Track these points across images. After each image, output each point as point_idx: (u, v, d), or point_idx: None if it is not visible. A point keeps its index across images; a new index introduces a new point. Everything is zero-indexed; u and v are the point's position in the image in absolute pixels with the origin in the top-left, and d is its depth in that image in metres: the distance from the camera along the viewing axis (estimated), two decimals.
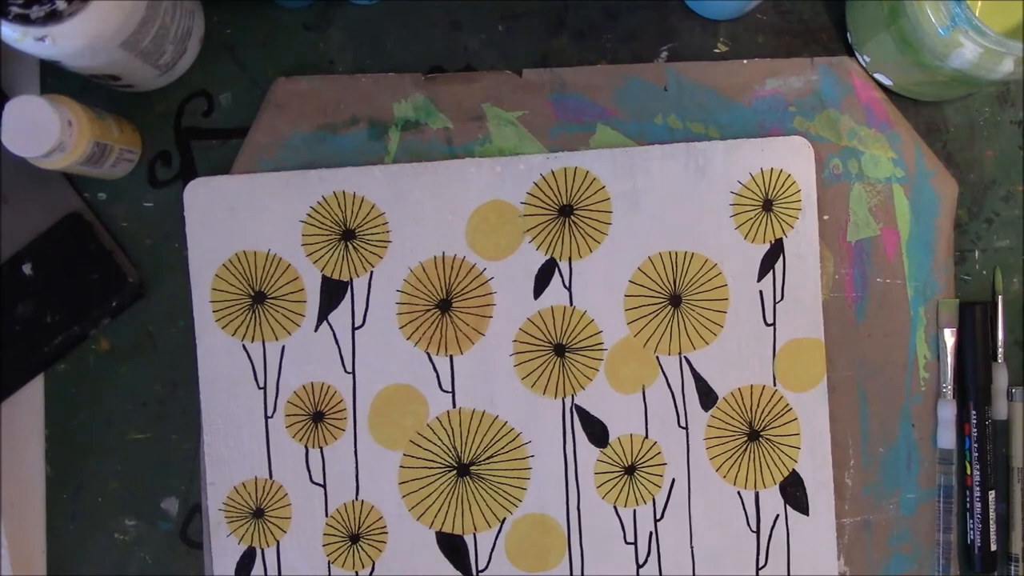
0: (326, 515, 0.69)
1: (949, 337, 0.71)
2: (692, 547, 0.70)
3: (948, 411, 0.71)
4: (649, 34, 0.74)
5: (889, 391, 0.71)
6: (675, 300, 0.70)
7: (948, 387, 0.71)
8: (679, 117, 0.72)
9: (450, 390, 0.69)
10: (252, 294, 0.69)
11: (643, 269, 0.70)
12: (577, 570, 0.70)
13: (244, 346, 0.69)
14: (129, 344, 0.71)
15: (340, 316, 0.69)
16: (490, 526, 0.70)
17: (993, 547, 0.71)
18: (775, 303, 0.70)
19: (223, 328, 0.69)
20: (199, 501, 0.71)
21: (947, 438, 0.71)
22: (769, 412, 0.70)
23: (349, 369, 0.69)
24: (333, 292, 0.69)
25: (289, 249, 0.69)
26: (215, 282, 0.69)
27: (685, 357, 0.70)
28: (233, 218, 0.69)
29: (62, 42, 0.58)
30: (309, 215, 0.69)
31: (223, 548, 0.69)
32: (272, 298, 0.69)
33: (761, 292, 0.70)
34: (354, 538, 0.69)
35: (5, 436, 0.71)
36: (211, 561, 0.69)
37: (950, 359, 0.71)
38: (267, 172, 0.69)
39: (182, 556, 0.71)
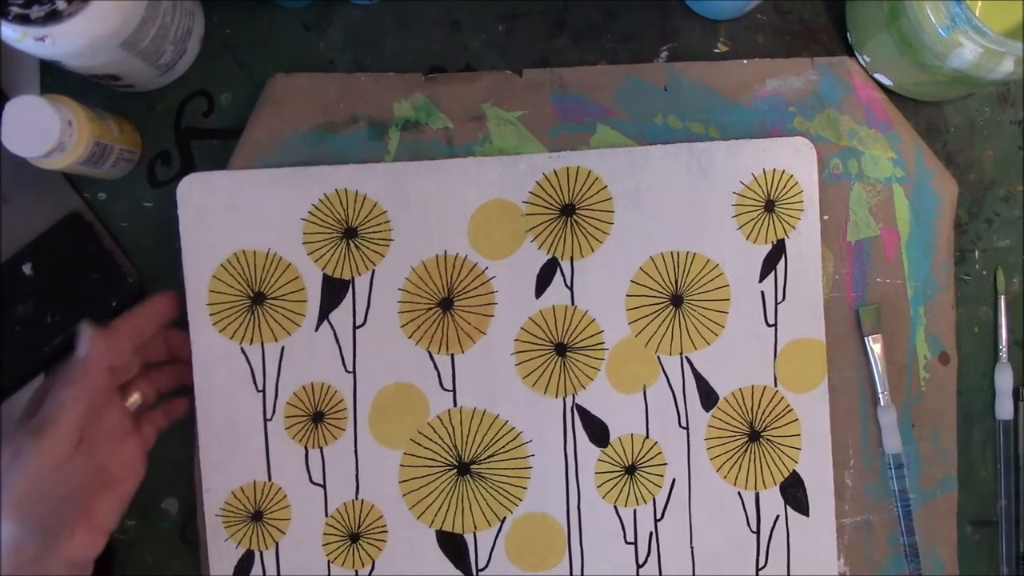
0: (326, 515, 0.69)
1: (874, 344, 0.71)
2: (692, 547, 0.70)
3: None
4: (649, 34, 0.74)
5: (889, 391, 0.71)
6: (676, 300, 0.70)
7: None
8: (679, 117, 0.72)
9: (451, 389, 0.69)
10: (251, 295, 0.69)
11: (645, 269, 0.70)
12: (577, 570, 0.70)
13: (243, 349, 0.69)
14: None
15: (341, 315, 0.69)
16: (490, 525, 0.70)
17: None
18: (776, 304, 0.70)
19: (220, 331, 0.69)
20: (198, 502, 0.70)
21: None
22: (770, 413, 0.70)
23: (350, 368, 0.69)
24: (334, 291, 0.69)
25: (290, 248, 0.69)
26: (212, 283, 0.69)
27: (686, 357, 0.70)
28: (231, 216, 0.69)
29: (62, 42, 0.58)
30: (311, 213, 0.69)
31: (220, 552, 0.69)
32: (272, 298, 0.69)
33: (763, 293, 0.70)
34: (354, 537, 0.69)
35: (5, 436, 0.71)
36: (208, 566, 0.69)
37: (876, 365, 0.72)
38: (266, 169, 0.69)
39: (182, 556, 0.71)
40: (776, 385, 0.70)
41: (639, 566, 0.70)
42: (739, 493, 0.70)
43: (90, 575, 0.60)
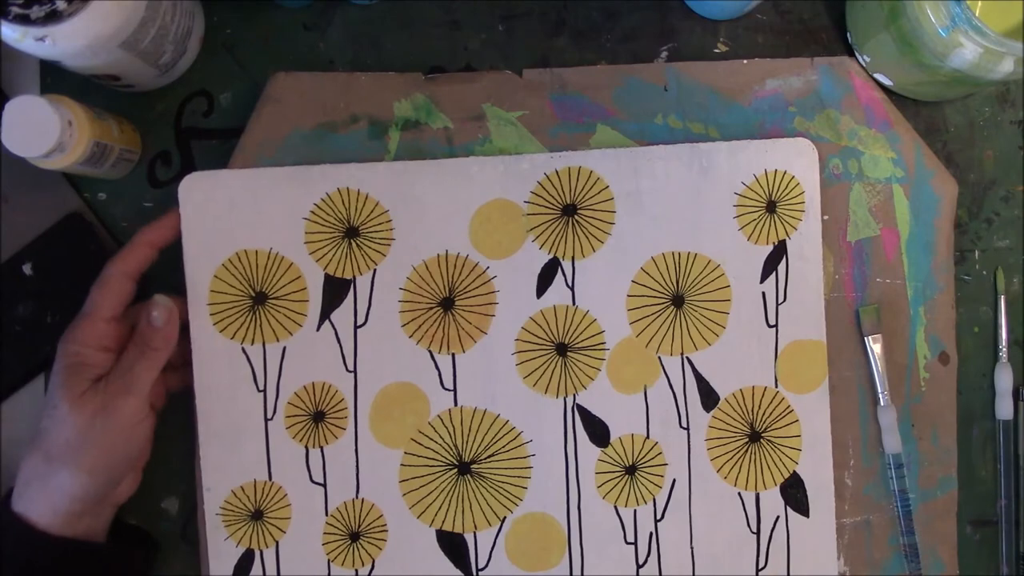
0: (326, 514, 0.69)
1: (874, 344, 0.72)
2: (692, 547, 0.70)
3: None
4: (649, 34, 0.74)
5: (889, 391, 0.71)
6: (677, 300, 0.70)
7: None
8: (679, 117, 0.72)
9: (452, 388, 0.69)
10: (253, 295, 0.69)
11: (646, 269, 0.70)
12: (577, 570, 0.70)
13: (243, 349, 0.69)
14: None
15: (342, 315, 0.69)
16: (490, 525, 0.70)
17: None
18: (778, 304, 0.70)
19: (221, 332, 0.68)
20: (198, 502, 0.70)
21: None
22: (770, 413, 0.70)
23: (351, 368, 0.69)
24: (335, 291, 0.69)
25: (292, 247, 0.69)
26: (214, 283, 0.68)
27: (687, 358, 0.70)
28: (233, 216, 0.68)
29: (62, 42, 0.58)
30: (313, 212, 0.69)
31: (220, 551, 0.69)
32: (273, 298, 0.69)
33: (764, 293, 0.70)
34: (354, 536, 0.69)
35: (5, 436, 0.71)
36: (207, 565, 0.69)
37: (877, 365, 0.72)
38: (268, 168, 0.69)
39: (182, 556, 0.71)
40: (777, 386, 0.70)
41: (639, 566, 0.70)
42: (739, 494, 0.70)
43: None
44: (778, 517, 0.70)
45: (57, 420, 0.61)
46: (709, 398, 0.70)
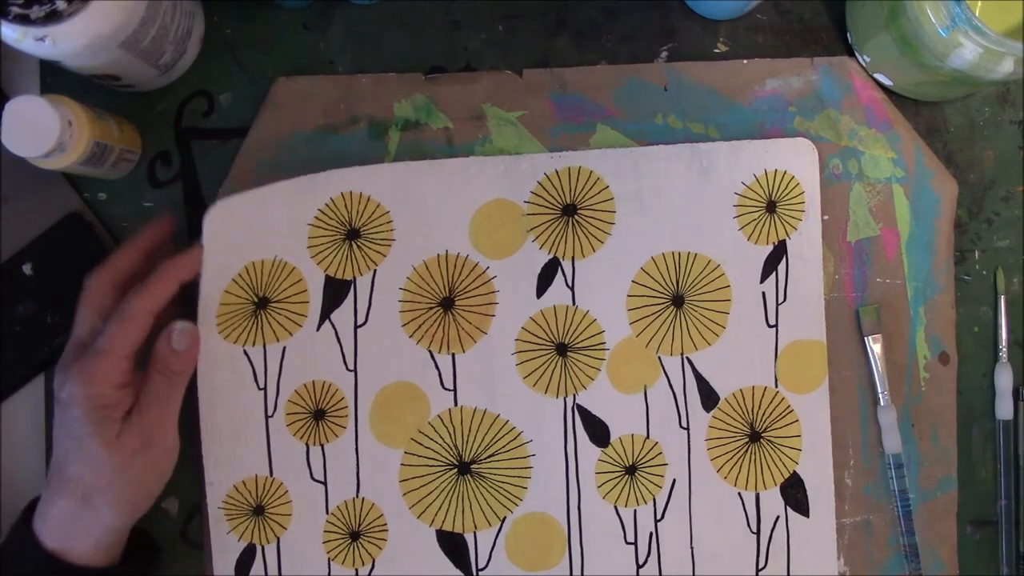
0: (327, 512, 0.69)
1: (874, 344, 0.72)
2: (692, 548, 0.70)
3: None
4: (649, 34, 0.74)
5: (889, 391, 0.71)
6: (678, 300, 0.70)
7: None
8: (679, 117, 0.72)
9: (452, 388, 0.69)
10: (256, 300, 0.69)
11: (646, 269, 0.70)
12: (577, 570, 0.70)
13: (245, 351, 0.69)
14: None
15: (342, 315, 0.69)
16: (490, 525, 0.70)
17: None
18: (778, 305, 0.70)
19: (225, 338, 0.68)
20: (199, 501, 0.70)
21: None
22: (770, 414, 0.70)
23: (351, 367, 0.69)
24: (336, 291, 0.69)
25: (296, 252, 0.69)
26: (224, 297, 0.68)
27: (687, 358, 0.70)
28: (247, 233, 0.68)
29: (62, 42, 0.58)
30: (317, 218, 0.69)
31: (223, 545, 0.69)
32: (275, 301, 0.69)
33: (764, 293, 0.70)
34: (354, 536, 0.69)
35: (5, 436, 0.71)
36: (211, 559, 0.69)
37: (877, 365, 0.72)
38: (277, 179, 0.68)
39: (182, 556, 0.71)
40: (777, 386, 0.70)
41: (639, 566, 0.70)
42: (739, 494, 0.70)
43: None
44: (778, 517, 0.70)
45: (93, 466, 0.60)
46: (709, 398, 0.70)
